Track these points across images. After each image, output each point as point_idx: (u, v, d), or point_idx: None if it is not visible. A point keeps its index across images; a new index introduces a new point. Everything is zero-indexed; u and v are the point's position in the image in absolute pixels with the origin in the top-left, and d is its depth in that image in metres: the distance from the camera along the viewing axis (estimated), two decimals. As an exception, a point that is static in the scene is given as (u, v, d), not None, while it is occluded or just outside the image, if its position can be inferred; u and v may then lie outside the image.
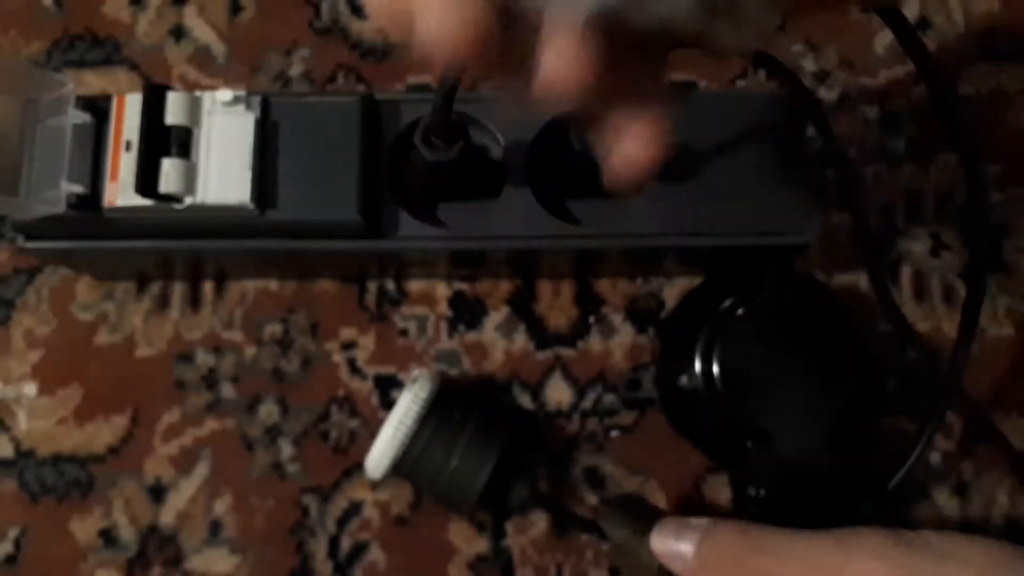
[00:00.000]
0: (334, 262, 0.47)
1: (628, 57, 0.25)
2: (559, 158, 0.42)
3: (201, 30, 0.52)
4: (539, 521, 0.46)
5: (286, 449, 0.47)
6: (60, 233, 0.42)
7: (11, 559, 0.46)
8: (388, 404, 0.47)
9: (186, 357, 0.48)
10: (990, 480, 0.47)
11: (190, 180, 0.39)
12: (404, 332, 0.48)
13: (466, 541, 0.46)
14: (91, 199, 0.39)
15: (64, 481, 0.47)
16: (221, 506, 0.46)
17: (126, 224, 0.40)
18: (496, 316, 0.49)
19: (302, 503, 0.46)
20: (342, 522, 0.46)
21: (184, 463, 0.47)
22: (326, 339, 0.48)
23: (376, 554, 0.46)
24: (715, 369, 0.42)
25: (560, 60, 0.23)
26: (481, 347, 0.48)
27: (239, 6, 0.52)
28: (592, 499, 0.46)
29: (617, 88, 0.26)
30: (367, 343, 0.48)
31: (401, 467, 0.42)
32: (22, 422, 0.47)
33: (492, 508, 0.46)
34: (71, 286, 0.49)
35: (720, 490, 0.47)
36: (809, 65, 0.51)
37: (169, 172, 0.39)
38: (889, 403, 0.48)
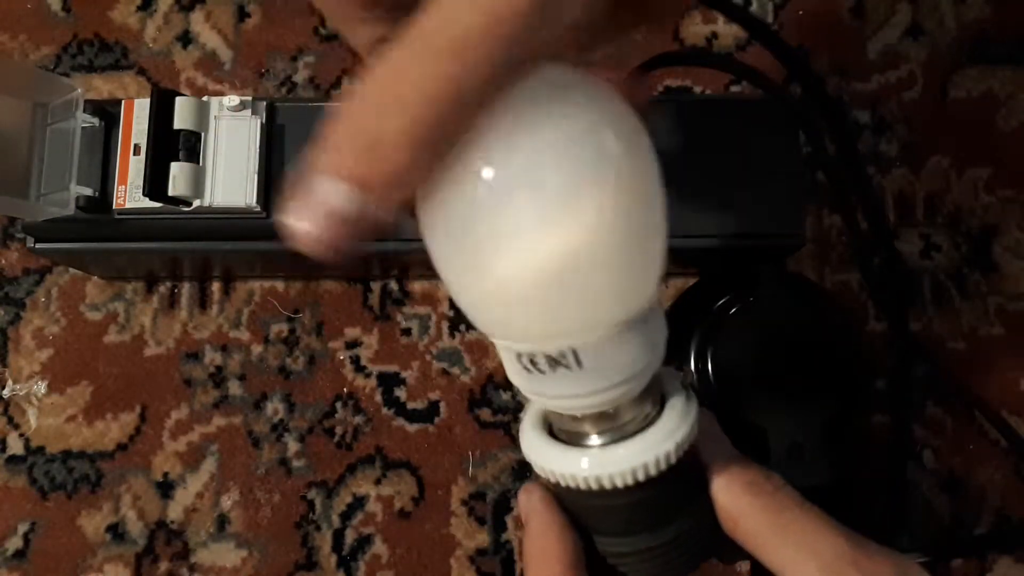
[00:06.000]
0: (339, 263, 0.48)
1: None
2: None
3: (208, 36, 0.52)
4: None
5: (292, 445, 0.48)
6: (69, 235, 0.42)
7: (20, 554, 0.46)
8: (391, 401, 0.48)
9: (194, 355, 0.49)
10: (982, 476, 0.48)
11: (198, 183, 0.40)
12: (407, 331, 0.49)
13: (467, 535, 0.47)
14: (100, 202, 0.40)
15: (73, 477, 0.47)
16: (228, 501, 0.47)
17: (135, 226, 0.41)
18: (496, 316, 0.49)
19: (307, 498, 0.47)
20: (346, 516, 0.47)
21: (192, 459, 0.48)
22: (331, 338, 0.49)
23: (379, 547, 0.47)
24: (709, 367, 0.43)
25: None
26: (482, 346, 0.49)
27: (246, 13, 0.53)
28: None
29: None
30: (371, 342, 0.49)
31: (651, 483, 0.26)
32: (32, 419, 0.48)
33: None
34: (80, 286, 0.49)
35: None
36: (803, 70, 0.52)
37: (177, 175, 0.39)
38: (880, 401, 0.48)
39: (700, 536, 0.28)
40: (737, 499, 0.27)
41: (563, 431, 0.27)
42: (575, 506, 0.27)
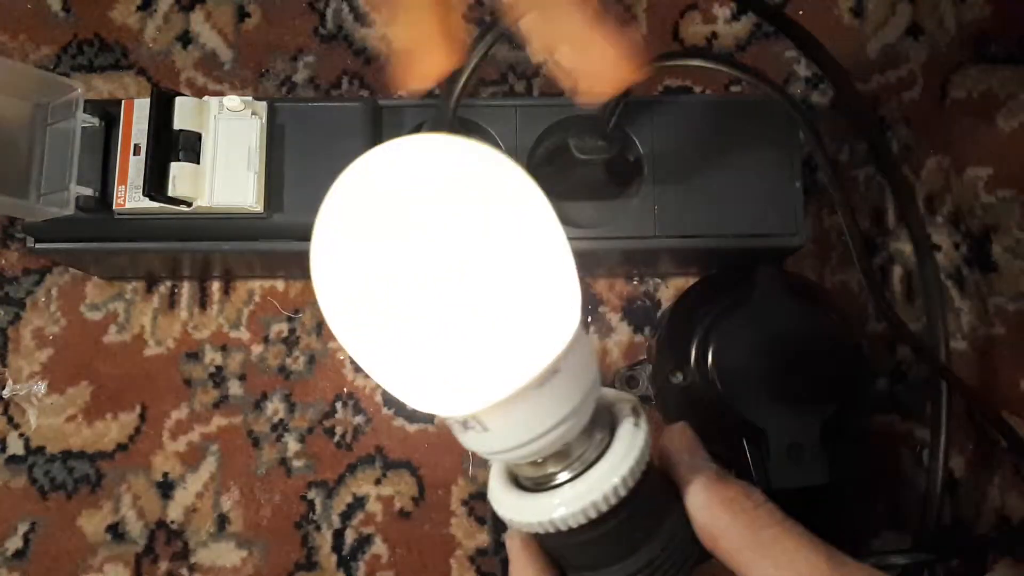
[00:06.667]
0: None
1: None
2: (558, 162, 0.43)
3: (208, 36, 0.52)
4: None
5: (292, 445, 0.48)
6: (69, 235, 0.43)
7: (20, 553, 0.46)
8: (391, 401, 0.48)
9: (194, 355, 0.49)
10: (981, 476, 0.48)
11: (198, 183, 0.40)
12: (406, 331, 0.49)
13: (467, 535, 0.47)
14: (100, 202, 0.40)
15: (73, 477, 0.47)
16: (228, 501, 0.47)
17: (135, 226, 0.41)
18: (496, 316, 0.49)
19: (307, 498, 0.47)
20: (346, 516, 0.47)
21: (192, 459, 0.48)
22: (331, 338, 0.49)
23: (379, 547, 0.47)
24: (710, 367, 0.43)
25: None
26: (482, 346, 0.49)
27: (246, 13, 0.53)
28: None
29: None
30: (370, 342, 0.49)
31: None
32: (32, 419, 0.48)
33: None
34: (80, 286, 0.49)
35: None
36: (802, 71, 0.52)
37: (177, 176, 0.39)
38: (880, 401, 0.48)
39: (677, 553, 0.28)
40: (716, 517, 0.27)
41: (525, 478, 0.27)
42: (549, 546, 0.28)
